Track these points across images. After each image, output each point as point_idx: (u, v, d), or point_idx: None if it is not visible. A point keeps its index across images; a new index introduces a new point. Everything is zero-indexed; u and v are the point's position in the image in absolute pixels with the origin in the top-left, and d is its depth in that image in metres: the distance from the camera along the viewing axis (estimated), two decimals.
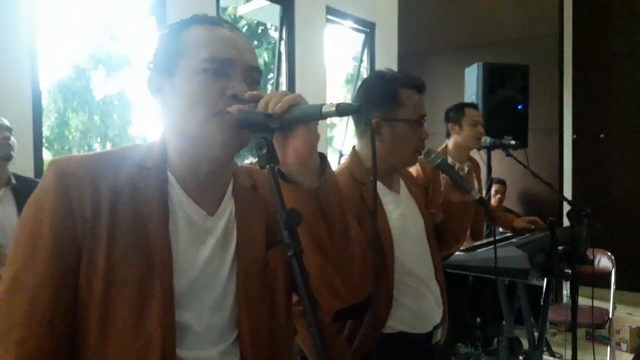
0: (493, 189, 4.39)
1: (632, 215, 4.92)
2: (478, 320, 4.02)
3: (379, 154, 1.51)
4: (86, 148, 6.83)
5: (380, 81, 1.55)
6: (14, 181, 2.28)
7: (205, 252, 0.90)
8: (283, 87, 4.51)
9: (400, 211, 1.58)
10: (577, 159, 5.28)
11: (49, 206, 0.83)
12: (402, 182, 1.68)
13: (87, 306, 0.82)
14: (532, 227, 2.98)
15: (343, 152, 5.29)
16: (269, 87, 7.94)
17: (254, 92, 0.85)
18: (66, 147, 6.60)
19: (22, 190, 2.27)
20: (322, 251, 0.88)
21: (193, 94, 0.87)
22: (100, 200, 0.84)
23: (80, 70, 6.60)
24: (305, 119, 0.82)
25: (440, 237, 1.72)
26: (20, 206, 2.23)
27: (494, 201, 4.45)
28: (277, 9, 4.44)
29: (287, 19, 4.38)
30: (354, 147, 1.62)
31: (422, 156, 1.61)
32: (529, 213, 4.67)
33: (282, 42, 4.42)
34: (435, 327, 1.59)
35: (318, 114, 0.80)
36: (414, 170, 2.43)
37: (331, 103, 0.79)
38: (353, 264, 0.92)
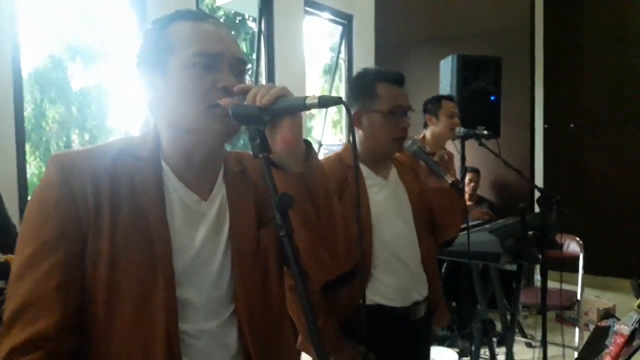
0: (467, 177, 4.52)
1: (601, 202, 5.12)
2: (453, 304, 4.16)
3: (363, 142, 1.71)
4: (64, 139, 6.74)
5: (360, 77, 1.73)
6: None
7: (200, 234, 0.97)
8: (262, 77, 4.55)
9: (385, 195, 1.70)
10: (548, 148, 5.46)
11: (53, 200, 0.88)
12: (394, 170, 1.79)
13: (93, 289, 0.89)
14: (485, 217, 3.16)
15: (322, 142, 5.37)
16: (247, 78, 7.91)
17: (242, 85, 0.92)
18: (44, 138, 6.50)
19: None
20: (309, 228, 0.95)
21: (185, 87, 0.92)
22: (101, 191, 0.90)
23: (57, 61, 6.50)
24: (291, 110, 0.89)
25: (433, 224, 1.83)
26: None
27: (468, 189, 4.58)
28: (255, 0, 4.47)
29: (266, 11, 4.42)
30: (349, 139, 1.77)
31: None
32: (502, 201, 4.84)
33: (261, 34, 4.45)
34: (415, 304, 1.70)
35: (302, 105, 0.87)
36: None
37: (314, 95, 0.86)
38: (337, 239, 1.00)
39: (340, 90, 5.72)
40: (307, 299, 0.77)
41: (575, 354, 3.41)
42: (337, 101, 0.87)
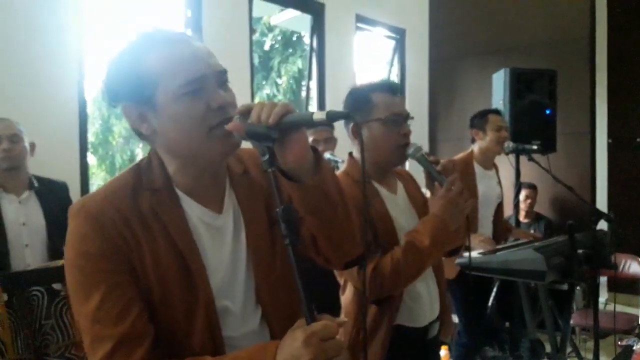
0: (523, 193, 4.39)
1: None
2: (507, 324, 4.03)
3: (366, 155, 1.62)
4: (129, 153, 7.15)
5: (355, 90, 1.72)
6: (36, 184, 2.40)
7: (226, 247, 1.03)
8: (313, 92, 4.64)
9: (399, 209, 1.69)
10: (612, 164, 5.19)
11: (96, 249, 0.92)
12: (400, 184, 1.78)
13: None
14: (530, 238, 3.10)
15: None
16: (303, 93, 8.13)
17: (243, 106, 0.95)
18: (110, 153, 6.94)
19: (44, 192, 2.40)
20: (331, 226, 1.04)
21: (182, 117, 0.93)
22: (134, 230, 0.94)
23: None
24: (298, 125, 0.93)
25: None
26: (44, 207, 2.37)
27: (524, 206, 4.44)
28: (308, 18, 4.59)
29: (318, 28, 4.52)
30: (350, 153, 1.76)
31: None
32: (561, 218, 4.65)
33: (313, 51, 4.55)
34: (431, 323, 1.69)
35: (310, 121, 0.91)
36: None
37: (320, 111, 0.90)
38: (354, 228, 1.09)
39: None
40: (308, 305, 0.84)
41: None
42: (345, 115, 0.91)
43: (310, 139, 2.97)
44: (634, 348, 1.15)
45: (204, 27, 3.64)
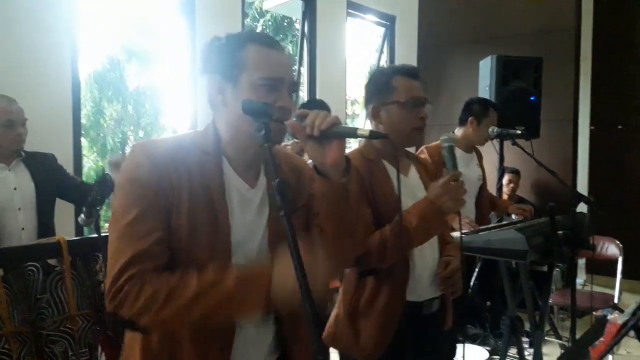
0: (506, 178, 4.50)
1: None
2: (488, 303, 4.17)
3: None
4: (120, 136, 7.16)
5: (377, 73, 1.83)
6: (23, 154, 2.50)
7: (248, 215, 1.21)
8: (304, 78, 4.70)
9: (404, 192, 1.69)
10: (594, 150, 5.35)
11: (146, 177, 1.10)
12: (413, 168, 1.84)
13: (175, 253, 1.12)
14: (526, 213, 3.15)
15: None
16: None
17: (301, 111, 1.14)
18: (101, 134, 6.94)
19: (32, 161, 2.52)
20: (341, 220, 1.21)
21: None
22: (181, 177, 1.13)
23: (115, 62, 6.92)
24: (343, 135, 1.13)
25: None
26: (32, 172, 2.50)
27: (506, 190, 4.56)
28: (300, 3, 4.63)
29: (309, 14, 4.57)
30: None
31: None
32: (542, 202, 4.78)
33: (304, 37, 4.60)
34: (430, 300, 1.76)
35: (353, 134, 1.12)
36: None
37: (364, 129, 1.12)
38: (359, 232, 1.29)
39: None
40: (301, 272, 0.94)
41: (610, 357, 3.37)
42: (383, 136, 1.13)
43: None
44: (608, 317, 1.24)
45: (197, 10, 3.68)
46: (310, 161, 1.21)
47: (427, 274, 1.76)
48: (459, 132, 3.23)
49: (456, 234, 2.12)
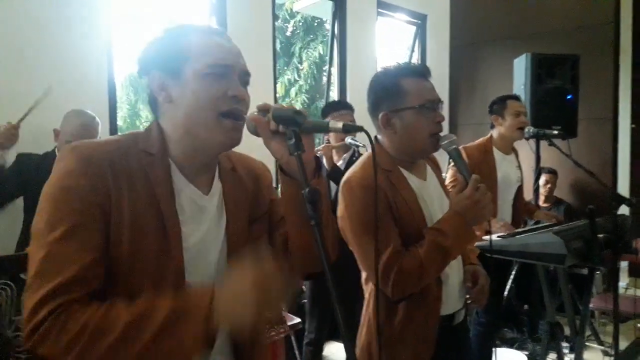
0: (543, 178, 4.40)
1: None
2: (525, 307, 4.08)
3: (396, 144, 1.59)
4: None
5: (383, 76, 1.61)
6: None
7: (203, 225, 1.06)
8: (334, 78, 4.69)
9: (427, 199, 1.62)
10: (635, 149, 5.15)
11: (75, 186, 0.93)
12: (429, 168, 1.72)
13: (115, 274, 0.95)
14: (553, 220, 3.09)
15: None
16: (324, 78, 8.20)
17: (263, 104, 1.04)
18: None
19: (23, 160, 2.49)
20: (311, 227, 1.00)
21: (199, 93, 1.00)
22: (119, 181, 0.96)
23: None
24: (313, 130, 1.02)
25: None
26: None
27: (543, 191, 4.46)
28: (330, 4, 4.62)
29: (339, 14, 4.55)
30: (375, 137, 1.65)
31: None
32: (581, 203, 4.66)
33: (335, 38, 4.59)
34: (458, 310, 1.69)
35: (325, 128, 1.01)
36: None
37: (336, 122, 1.00)
38: (330, 240, 1.10)
39: None
40: (333, 286, 0.87)
41: None
42: (359, 129, 0.99)
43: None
44: None
45: (229, 15, 3.70)
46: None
47: (455, 285, 1.68)
48: (495, 135, 3.19)
49: (488, 237, 2.06)
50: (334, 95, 4.74)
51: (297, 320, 3.20)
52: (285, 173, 1.06)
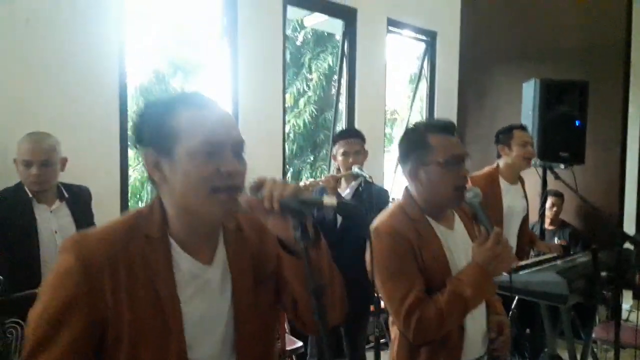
0: (549, 201, 4.40)
1: None
2: (527, 330, 4.08)
3: (423, 196, 1.70)
4: None
5: (411, 131, 1.75)
6: (66, 194, 2.50)
7: (208, 297, 1.08)
8: (343, 97, 4.71)
9: (454, 249, 1.68)
10: None
11: (74, 288, 0.97)
12: (457, 218, 1.78)
13: None
14: (554, 252, 3.12)
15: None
16: (333, 89, 8.22)
17: (255, 181, 1.02)
18: None
19: (73, 201, 2.51)
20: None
21: (192, 173, 1.01)
22: (118, 278, 1.00)
23: (161, 76, 7.11)
24: (308, 206, 1.01)
25: None
26: (74, 215, 2.48)
27: (549, 214, 4.46)
28: (340, 22, 4.63)
29: (349, 33, 4.56)
30: (406, 187, 1.76)
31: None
32: (587, 226, 4.65)
33: (344, 56, 4.60)
34: (478, 358, 1.72)
35: (319, 204, 1.00)
36: None
37: (331, 197, 1.01)
38: (335, 301, 1.13)
39: (423, 105, 5.73)
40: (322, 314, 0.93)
41: None
42: (354, 210, 1.01)
43: (341, 150, 3.04)
44: None
45: (240, 37, 3.72)
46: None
47: (478, 332, 1.72)
48: (501, 165, 3.21)
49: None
50: (342, 107, 4.75)
51: (300, 343, 3.25)
52: (285, 248, 1.06)
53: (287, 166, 3.92)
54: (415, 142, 1.69)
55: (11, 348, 1.75)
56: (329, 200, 0.99)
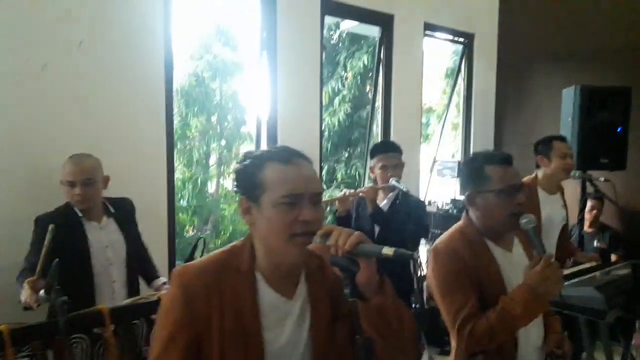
0: (589, 204, 4.36)
1: None
2: (565, 333, 4.07)
3: (480, 221, 1.85)
4: (204, 148, 7.57)
5: (471, 161, 1.91)
6: (112, 210, 2.62)
7: (287, 328, 1.23)
8: (379, 100, 4.76)
9: (511, 270, 1.81)
10: None
11: (178, 316, 1.17)
12: (516, 240, 1.91)
13: None
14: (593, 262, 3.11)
15: (436, 158, 5.44)
16: (367, 87, 8.22)
17: (324, 230, 1.14)
18: (188, 147, 7.41)
19: (119, 215, 2.65)
20: (385, 337, 1.16)
21: (274, 220, 1.17)
22: (212, 305, 1.18)
23: (200, 79, 7.29)
24: (369, 255, 1.11)
25: None
26: (122, 229, 2.61)
27: (589, 217, 4.42)
28: (376, 28, 4.67)
29: (386, 39, 4.60)
30: (466, 210, 1.91)
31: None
32: (627, 229, 4.60)
33: (381, 62, 4.65)
34: None
35: (378, 254, 1.08)
36: None
37: (389, 248, 1.07)
38: (407, 341, 1.22)
39: (460, 101, 5.72)
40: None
41: None
42: (410, 257, 1.07)
43: (380, 164, 3.12)
44: None
45: (279, 49, 3.81)
46: None
47: (532, 347, 1.84)
48: (540, 176, 3.22)
49: None
50: (378, 114, 4.81)
51: None
52: (351, 293, 1.14)
53: (322, 164, 4.03)
54: (474, 172, 1.84)
55: (137, 340, 2.00)
56: (387, 251, 1.06)
